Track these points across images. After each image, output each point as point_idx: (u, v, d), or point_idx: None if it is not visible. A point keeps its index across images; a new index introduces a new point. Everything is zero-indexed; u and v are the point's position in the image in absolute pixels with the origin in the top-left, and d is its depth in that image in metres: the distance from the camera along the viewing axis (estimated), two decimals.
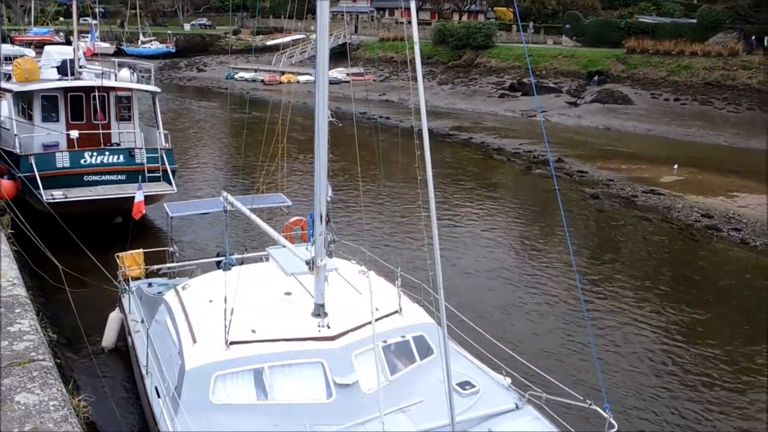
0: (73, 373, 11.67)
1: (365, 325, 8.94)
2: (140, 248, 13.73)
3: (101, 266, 13.09)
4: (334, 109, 9.23)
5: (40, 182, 17.78)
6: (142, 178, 18.49)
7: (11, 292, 10.59)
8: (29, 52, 38.54)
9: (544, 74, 53.99)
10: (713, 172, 30.51)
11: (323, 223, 9.16)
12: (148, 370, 9.74)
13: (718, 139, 39.32)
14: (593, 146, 37.23)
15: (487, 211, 24.09)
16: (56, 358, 10.10)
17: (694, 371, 13.14)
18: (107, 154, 19.29)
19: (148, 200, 17.47)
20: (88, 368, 12.05)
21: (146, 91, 22.27)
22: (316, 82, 8.82)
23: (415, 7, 7.40)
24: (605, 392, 9.01)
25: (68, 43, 35.75)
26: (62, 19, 78.75)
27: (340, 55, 55.57)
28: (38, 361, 8.40)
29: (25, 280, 12.22)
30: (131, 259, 13.32)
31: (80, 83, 21.16)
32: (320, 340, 8.83)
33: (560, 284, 17.17)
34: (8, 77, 22.83)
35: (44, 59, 23.69)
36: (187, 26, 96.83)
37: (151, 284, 12.78)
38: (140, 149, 19.85)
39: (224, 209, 12.23)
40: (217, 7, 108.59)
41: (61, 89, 20.97)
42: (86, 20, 49.30)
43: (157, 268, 13.46)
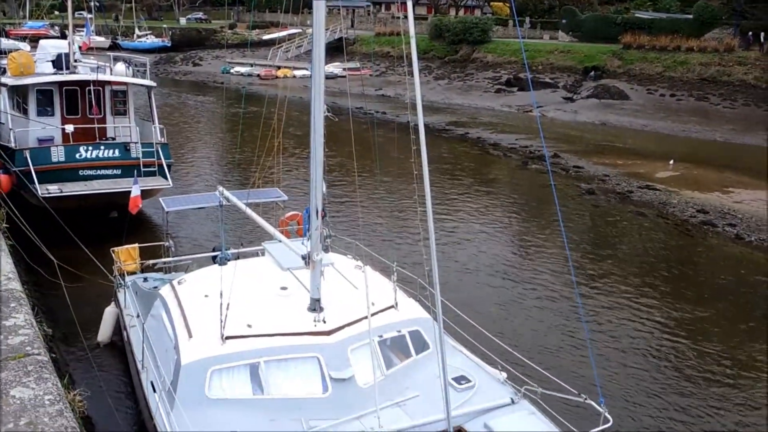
0: (68, 367, 11.66)
1: (361, 319, 8.96)
2: (136, 243, 13.70)
3: (97, 261, 13.05)
4: (330, 103, 9.21)
5: (35, 176, 17.74)
6: (137, 172, 18.48)
7: (6, 286, 10.56)
8: (24, 46, 38.44)
9: (540, 70, 53.98)
10: (708, 167, 30.58)
11: (319, 217, 9.16)
12: (143, 364, 9.74)
13: (713, 134, 39.40)
14: (589, 142, 37.27)
15: (483, 206, 24.11)
16: (51, 352, 10.08)
17: (688, 366, 13.20)
18: (102, 148, 19.25)
19: (143, 195, 17.45)
20: (83, 363, 12.02)
21: (142, 85, 22.20)
22: (312, 76, 8.78)
23: (411, 1, 7.40)
24: (600, 387, 9.06)
25: (63, 36, 35.69)
26: (57, 12, 78.65)
27: (336, 49, 55.38)
28: (33, 355, 8.39)
29: (20, 274, 12.20)
30: (127, 253, 13.31)
31: (75, 77, 21.08)
32: (316, 334, 8.84)
33: (556, 279, 17.21)
34: (3, 71, 22.74)
35: (39, 53, 23.60)
36: (182, 20, 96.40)
37: (146, 279, 12.79)
38: (136, 144, 19.80)
39: (220, 204, 12.21)
40: (212, 1, 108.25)
41: (56, 83, 20.89)
42: (81, 14, 49.17)
43: (152, 262, 13.45)
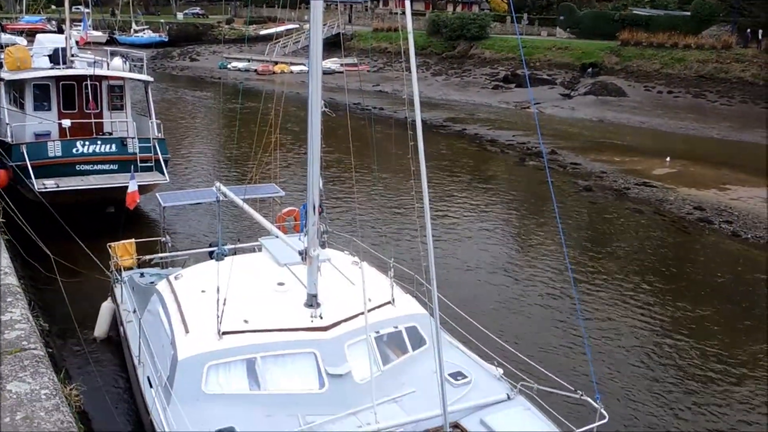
0: (64, 362, 11.64)
1: (358, 315, 8.97)
2: (132, 238, 13.69)
3: (93, 256, 13.04)
4: (327, 99, 9.19)
5: (31, 171, 17.69)
6: (134, 167, 18.44)
7: (3, 281, 10.57)
8: (21, 40, 38.28)
9: (538, 66, 53.98)
10: (705, 164, 30.59)
11: (316, 213, 9.16)
12: (140, 359, 9.73)
13: (710, 131, 39.42)
14: (586, 138, 37.26)
15: (480, 202, 24.12)
16: (48, 347, 10.07)
17: (684, 363, 13.24)
18: (99, 143, 19.20)
19: (140, 190, 17.42)
20: (79, 357, 12.02)
21: (139, 80, 22.16)
22: (309, 72, 8.76)
23: None
24: (596, 383, 9.08)
25: (60, 31, 35.60)
26: (54, 7, 78.32)
27: (333, 45, 55.34)
28: (30, 350, 8.39)
29: (16, 269, 12.19)
30: (123, 248, 13.29)
31: (72, 72, 21.02)
32: (313, 330, 8.84)
33: (552, 276, 17.23)
34: (0, 66, 22.67)
35: (36, 48, 23.56)
36: (180, 15, 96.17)
37: (143, 274, 12.77)
38: (132, 139, 19.75)
39: (217, 199, 12.20)
40: None
41: (53, 78, 20.83)
42: (78, 8, 49.00)
43: (149, 258, 13.44)
